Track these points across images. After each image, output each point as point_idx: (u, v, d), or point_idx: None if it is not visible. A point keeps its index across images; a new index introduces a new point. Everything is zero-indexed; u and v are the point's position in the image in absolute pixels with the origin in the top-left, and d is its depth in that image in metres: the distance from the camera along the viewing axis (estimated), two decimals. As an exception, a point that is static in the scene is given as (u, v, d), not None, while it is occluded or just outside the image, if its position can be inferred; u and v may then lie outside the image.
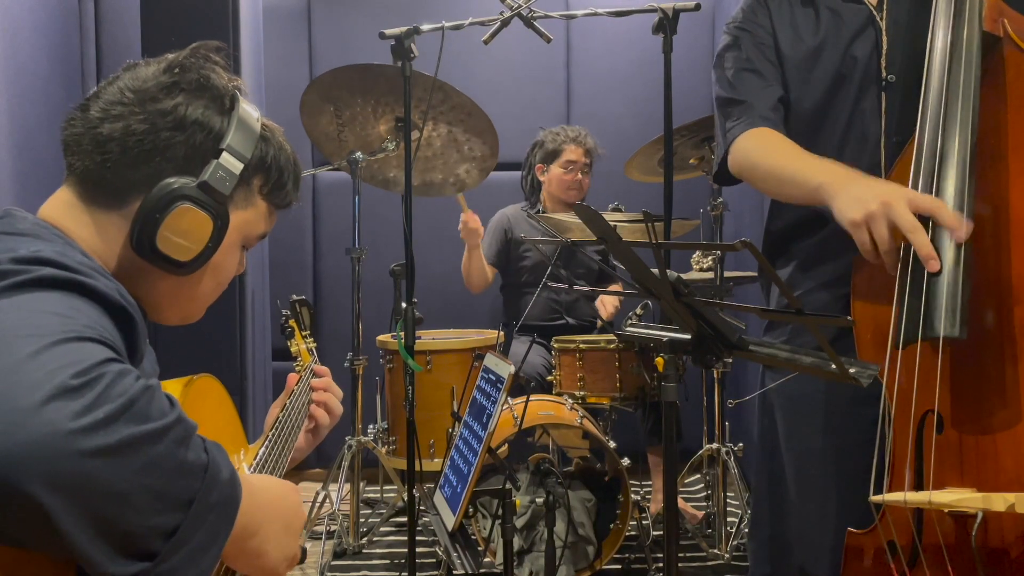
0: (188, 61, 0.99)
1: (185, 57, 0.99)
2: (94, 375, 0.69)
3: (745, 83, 1.64)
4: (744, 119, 1.62)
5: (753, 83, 1.63)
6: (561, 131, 3.47)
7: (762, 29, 1.65)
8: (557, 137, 3.44)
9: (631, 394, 2.76)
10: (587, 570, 2.57)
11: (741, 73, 1.65)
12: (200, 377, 1.03)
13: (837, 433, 1.58)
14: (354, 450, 3.05)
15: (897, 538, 1.35)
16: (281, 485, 0.96)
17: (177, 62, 0.99)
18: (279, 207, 1.08)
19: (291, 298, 1.73)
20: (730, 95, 1.65)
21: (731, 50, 1.67)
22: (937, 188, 1.29)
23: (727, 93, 1.66)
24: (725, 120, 1.66)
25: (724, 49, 1.69)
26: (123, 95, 0.96)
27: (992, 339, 1.27)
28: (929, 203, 1.26)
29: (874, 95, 1.57)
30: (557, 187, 3.41)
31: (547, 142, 3.45)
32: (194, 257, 0.97)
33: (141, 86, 0.96)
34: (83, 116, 0.96)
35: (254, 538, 0.87)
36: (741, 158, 1.61)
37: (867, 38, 1.58)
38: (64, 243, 0.90)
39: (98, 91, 0.98)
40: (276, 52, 3.96)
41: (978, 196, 1.29)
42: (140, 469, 0.69)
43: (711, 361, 1.26)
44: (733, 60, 1.66)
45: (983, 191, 1.30)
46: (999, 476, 1.25)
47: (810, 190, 1.41)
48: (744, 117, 1.62)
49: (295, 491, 0.99)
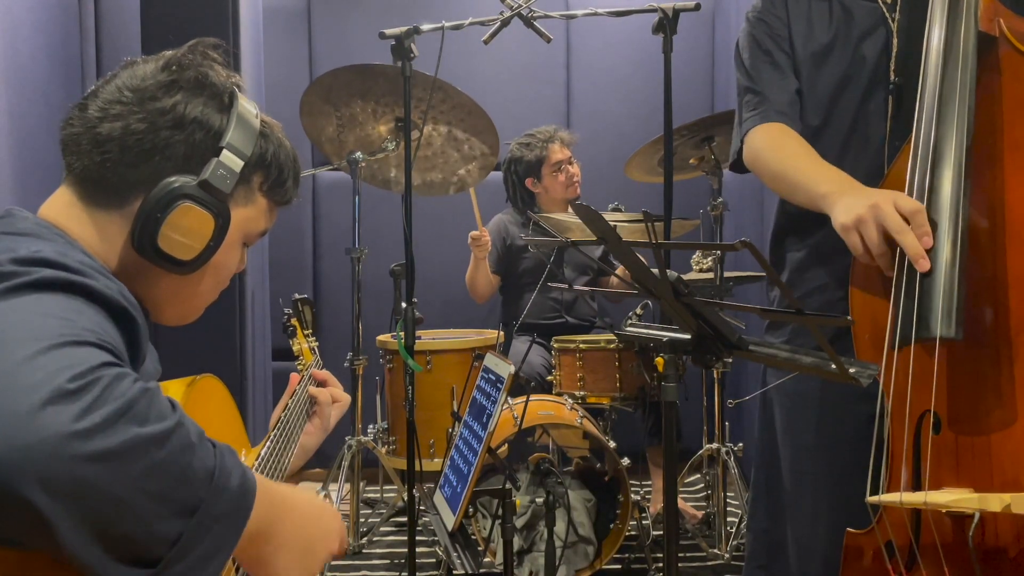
0: (186, 58, 0.98)
1: (183, 54, 0.99)
2: (91, 378, 0.68)
3: (762, 73, 1.64)
4: (759, 111, 1.62)
5: (770, 74, 1.64)
6: (531, 138, 3.37)
7: (779, 20, 1.65)
8: (531, 146, 3.34)
9: (631, 394, 2.76)
10: (587, 570, 2.56)
11: (759, 63, 1.65)
12: (203, 377, 1.02)
13: (832, 429, 1.59)
14: (354, 450, 3.05)
15: (895, 538, 1.35)
16: (319, 507, 0.93)
17: (175, 60, 0.98)
18: (279, 204, 1.08)
19: (293, 297, 1.74)
20: (748, 84, 1.66)
21: (749, 38, 1.68)
22: (932, 188, 1.29)
23: (746, 81, 1.67)
24: (742, 108, 1.67)
25: (743, 37, 1.70)
26: (121, 94, 0.95)
27: (988, 340, 1.27)
28: (910, 206, 1.27)
29: (881, 97, 1.56)
30: (556, 191, 3.36)
31: (525, 155, 3.34)
32: (196, 256, 0.96)
33: (139, 84, 0.95)
34: (81, 115, 0.95)
35: (268, 545, 0.85)
36: (753, 154, 1.63)
37: (877, 38, 1.57)
38: (65, 243, 0.90)
39: (96, 90, 0.97)
40: (276, 52, 3.96)
41: (974, 196, 1.28)
42: (139, 473, 0.68)
43: (711, 361, 1.26)
44: (751, 49, 1.67)
45: (978, 191, 1.29)
46: (995, 476, 1.25)
47: (813, 198, 1.44)
48: (759, 109, 1.63)
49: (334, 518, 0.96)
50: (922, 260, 1.24)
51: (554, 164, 3.34)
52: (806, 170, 1.50)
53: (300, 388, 1.39)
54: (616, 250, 1.22)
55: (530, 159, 3.34)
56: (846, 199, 1.34)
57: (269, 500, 0.83)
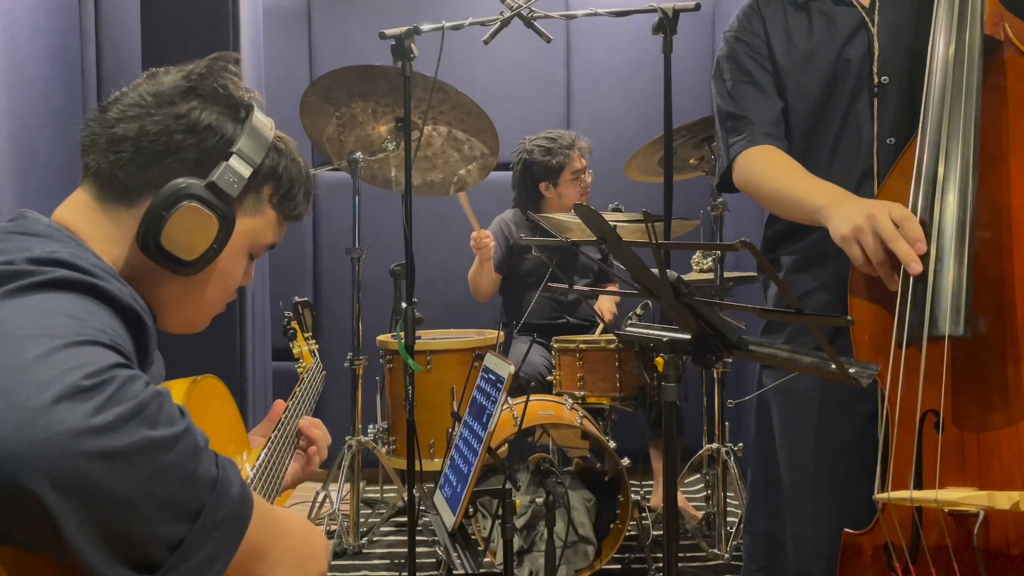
0: (207, 70, 1.01)
1: (205, 66, 1.01)
2: (106, 377, 0.69)
3: (745, 96, 1.66)
4: (746, 135, 1.64)
5: (753, 96, 1.65)
6: (552, 143, 3.30)
7: (756, 38, 1.66)
8: (553, 152, 3.28)
9: (631, 394, 2.76)
10: (587, 570, 2.56)
11: (740, 86, 1.66)
12: (204, 378, 1.03)
13: (830, 429, 1.60)
14: (354, 450, 3.05)
15: (896, 539, 1.36)
16: (307, 527, 0.95)
17: (197, 71, 1.01)
18: (288, 218, 1.09)
19: (293, 300, 1.74)
20: (730, 109, 1.67)
21: (729, 61, 1.69)
22: (940, 189, 1.31)
23: (727, 106, 1.68)
24: (727, 134, 1.68)
25: (723, 59, 1.71)
26: (142, 98, 0.98)
27: (994, 338, 1.29)
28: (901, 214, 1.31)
29: (867, 98, 1.58)
30: (569, 198, 3.31)
31: (546, 159, 3.28)
32: (198, 256, 0.97)
33: (159, 90, 0.98)
34: (102, 117, 0.98)
35: (263, 562, 0.86)
36: (744, 177, 1.65)
37: (860, 41, 1.58)
38: (78, 245, 0.91)
39: (119, 96, 1.00)
40: (276, 52, 3.96)
41: (980, 198, 1.30)
42: (147, 476, 0.69)
43: (711, 361, 1.26)
44: (731, 72, 1.68)
45: (985, 193, 1.31)
46: (1002, 475, 1.26)
47: (810, 213, 1.46)
48: (746, 133, 1.64)
49: (321, 538, 0.97)
50: (913, 264, 1.28)
51: (574, 172, 3.32)
52: (800, 187, 1.52)
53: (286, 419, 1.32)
54: (616, 250, 1.22)
55: (552, 164, 3.29)
56: (842, 210, 1.37)
57: (263, 516, 0.83)
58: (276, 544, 0.87)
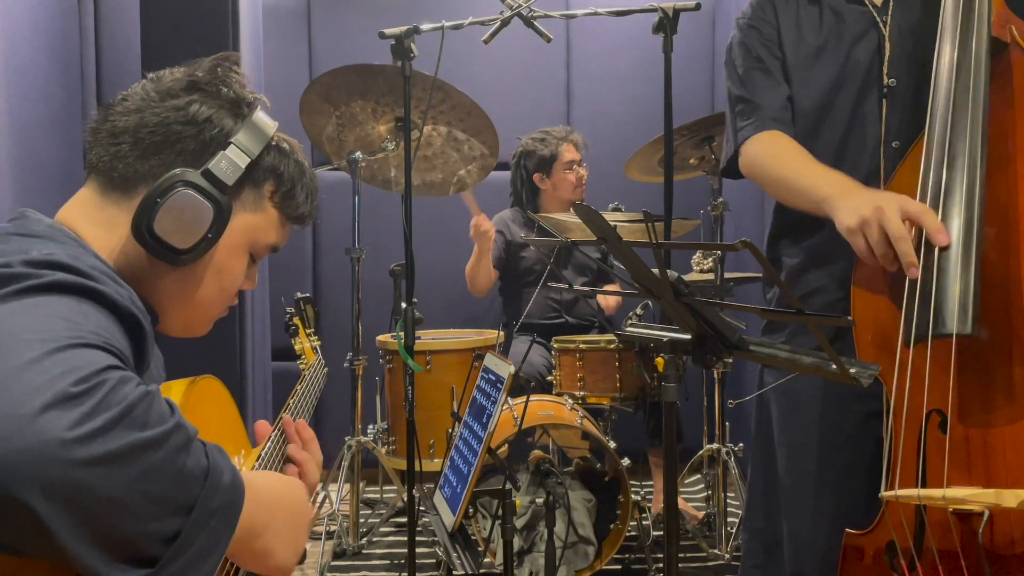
0: (212, 67, 1.02)
1: (210, 64, 1.02)
2: (95, 382, 0.69)
3: (755, 81, 1.65)
4: (754, 120, 1.63)
5: (763, 82, 1.65)
6: (546, 135, 3.41)
7: (769, 25, 1.66)
8: (546, 142, 3.38)
9: (631, 394, 2.76)
10: (587, 570, 2.56)
11: (751, 71, 1.66)
12: (203, 378, 1.02)
13: (828, 428, 1.60)
14: (354, 450, 3.05)
15: (898, 539, 1.35)
16: (285, 482, 0.96)
17: (200, 67, 1.02)
18: (291, 219, 1.09)
19: (296, 296, 1.73)
20: (740, 92, 1.67)
21: (741, 47, 1.69)
22: (947, 190, 1.31)
23: (738, 90, 1.68)
24: (736, 118, 1.68)
25: (734, 45, 1.71)
26: (146, 93, 0.99)
27: (1000, 337, 1.29)
28: (916, 209, 1.30)
29: (874, 99, 1.57)
30: (564, 190, 3.38)
31: (538, 150, 3.38)
32: (192, 245, 0.96)
33: (161, 86, 1.00)
34: (105, 114, 0.99)
35: (261, 538, 0.87)
36: (751, 162, 1.64)
37: (869, 41, 1.58)
38: (77, 246, 0.91)
39: (124, 95, 1.01)
40: (276, 52, 3.96)
41: (987, 199, 1.30)
42: (138, 476, 0.69)
43: (711, 361, 1.26)
44: (743, 58, 1.68)
45: (992, 194, 1.31)
46: (1007, 473, 1.26)
47: (816, 202, 1.45)
48: (754, 118, 1.63)
49: (300, 487, 0.99)
50: (913, 269, 1.27)
51: (567, 162, 3.37)
52: (807, 175, 1.51)
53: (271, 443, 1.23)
54: (616, 250, 1.22)
55: (544, 154, 3.38)
56: (849, 201, 1.36)
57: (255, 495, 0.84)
58: (269, 515, 0.89)
